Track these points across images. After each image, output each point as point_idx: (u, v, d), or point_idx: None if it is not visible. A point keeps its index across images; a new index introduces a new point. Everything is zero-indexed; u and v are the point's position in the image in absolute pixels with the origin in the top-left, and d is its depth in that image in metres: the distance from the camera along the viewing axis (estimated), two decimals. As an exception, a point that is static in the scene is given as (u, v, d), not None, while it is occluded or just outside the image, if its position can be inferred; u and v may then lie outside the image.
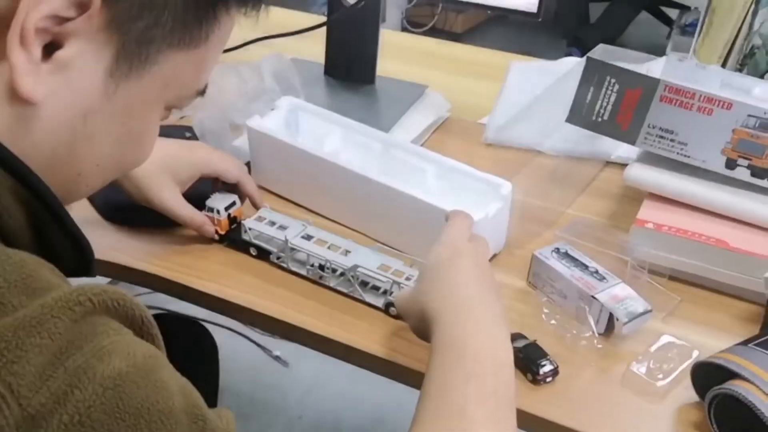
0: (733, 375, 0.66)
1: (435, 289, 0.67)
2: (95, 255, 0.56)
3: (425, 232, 0.85)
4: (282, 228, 0.89)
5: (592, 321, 0.78)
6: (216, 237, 0.90)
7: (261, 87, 1.13)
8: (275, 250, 0.87)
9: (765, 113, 0.83)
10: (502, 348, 0.62)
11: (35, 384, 0.39)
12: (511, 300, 0.83)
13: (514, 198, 0.88)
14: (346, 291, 0.84)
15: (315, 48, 1.24)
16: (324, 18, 1.18)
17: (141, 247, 0.90)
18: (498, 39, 3.73)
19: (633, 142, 0.91)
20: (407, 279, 0.80)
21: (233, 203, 0.91)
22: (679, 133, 0.88)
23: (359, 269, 0.82)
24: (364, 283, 0.84)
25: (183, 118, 1.13)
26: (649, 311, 0.77)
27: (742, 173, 0.86)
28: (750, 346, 0.69)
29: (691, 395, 0.71)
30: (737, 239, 0.84)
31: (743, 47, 1.13)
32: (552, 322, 0.80)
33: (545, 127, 1.03)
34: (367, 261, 0.83)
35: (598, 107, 0.93)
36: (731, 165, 0.87)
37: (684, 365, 0.74)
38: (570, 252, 0.84)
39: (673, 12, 3.48)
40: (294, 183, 0.99)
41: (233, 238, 0.90)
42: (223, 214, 0.89)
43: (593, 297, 0.78)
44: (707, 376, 0.69)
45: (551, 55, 1.43)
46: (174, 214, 0.87)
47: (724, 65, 1.13)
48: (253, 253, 0.89)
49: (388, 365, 0.77)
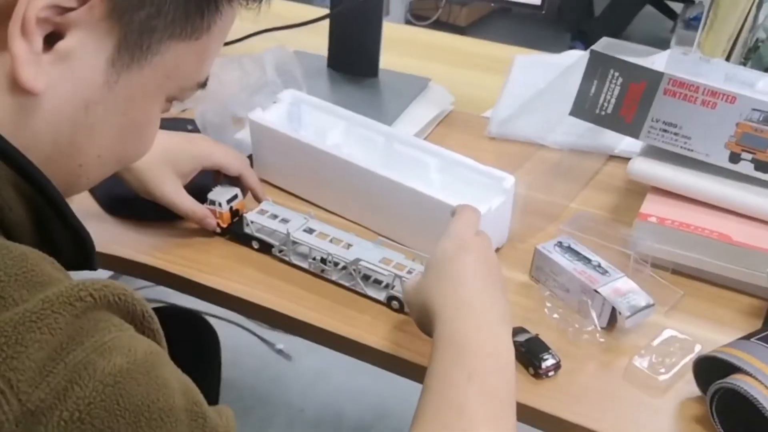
0: (736, 369, 0.66)
1: (439, 284, 0.66)
2: (96, 248, 0.56)
3: (428, 225, 0.85)
4: (284, 221, 0.88)
5: (594, 315, 0.78)
6: (218, 230, 0.90)
7: (263, 80, 1.13)
8: (277, 243, 0.87)
9: (769, 107, 0.83)
10: (504, 347, 0.62)
11: (35, 379, 0.39)
12: (514, 294, 0.83)
13: (517, 192, 0.88)
14: (347, 285, 0.84)
15: (318, 41, 1.24)
16: (327, 10, 1.18)
17: (142, 240, 0.90)
18: (502, 32, 3.72)
19: (636, 135, 0.91)
20: (409, 272, 0.80)
21: (235, 196, 0.91)
22: (683, 127, 0.88)
23: (361, 263, 0.82)
24: (366, 277, 0.84)
25: (185, 111, 1.13)
26: (652, 305, 0.77)
27: (745, 167, 0.86)
28: (752, 340, 0.69)
29: (694, 389, 0.71)
30: (740, 233, 0.84)
31: (747, 41, 1.12)
32: (554, 316, 0.80)
33: (549, 121, 1.02)
34: (369, 254, 0.83)
35: (601, 101, 0.92)
36: (735, 159, 0.86)
37: (686, 359, 0.74)
38: (573, 246, 0.84)
39: (678, 5, 3.47)
40: (296, 176, 0.99)
41: (235, 231, 0.90)
42: (225, 207, 0.89)
43: (596, 291, 0.77)
44: (709, 370, 0.68)
45: (555, 49, 1.43)
46: (176, 206, 0.87)
47: (728, 59, 1.12)
48: (255, 247, 0.89)
49: (390, 359, 0.77)
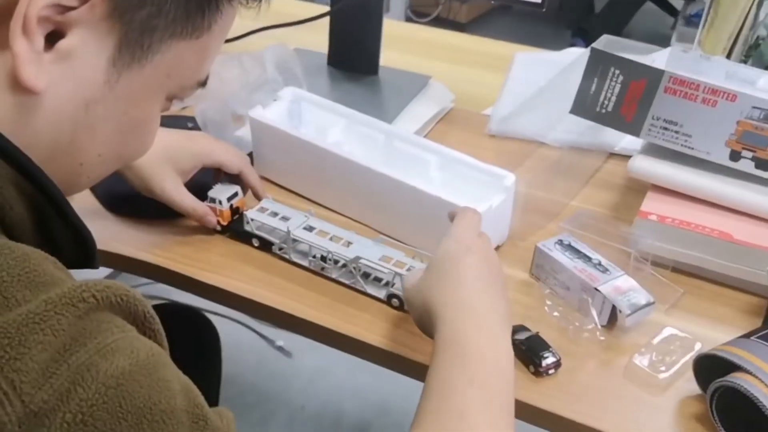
0: (736, 368, 0.66)
1: (441, 284, 0.66)
2: (97, 246, 0.56)
3: (428, 223, 0.85)
4: (284, 219, 0.88)
5: (594, 313, 0.78)
6: (218, 228, 0.90)
7: (263, 77, 1.13)
8: (277, 241, 0.87)
9: (770, 105, 0.83)
10: (503, 351, 0.62)
11: (38, 381, 0.39)
12: (514, 292, 0.84)
13: (517, 189, 0.88)
14: (347, 282, 0.84)
15: (318, 38, 1.23)
16: (327, 8, 1.18)
17: (143, 238, 0.90)
18: (502, 29, 3.72)
19: (637, 133, 0.91)
20: (408, 270, 0.80)
21: (235, 194, 0.91)
22: (684, 125, 0.88)
23: (361, 261, 0.82)
24: (366, 275, 0.84)
25: (185, 108, 1.13)
26: (652, 303, 0.77)
27: (746, 165, 0.86)
28: (753, 338, 0.69)
29: (694, 387, 0.71)
30: (741, 231, 0.84)
31: (748, 38, 1.12)
32: (555, 314, 0.80)
33: (549, 119, 1.02)
34: (369, 252, 0.83)
35: (602, 98, 0.92)
36: (735, 157, 0.86)
37: (686, 357, 0.74)
38: (573, 244, 0.84)
39: (678, 2, 3.47)
40: (296, 174, 0.99)
41: (235, 229, 0.90)
42: (225, 204, 0.89)
43: (596, 289, 0.77)
44: (710, 368, 0.68)
45: (555, 46, 1.43)
46: (176, 204, 0.87)
47: (728, 56, 1.12)
48: (255, 244, 0.89)
49: (389, 357, 0.77)
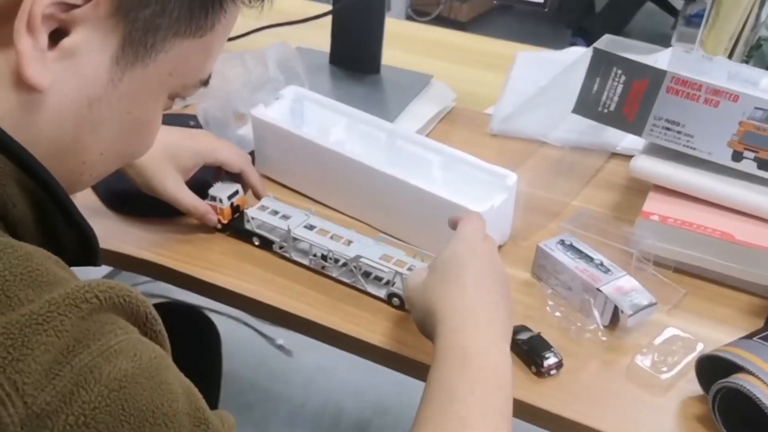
0: (738, 368, 0.65)
1: (444, 287, 0.66)
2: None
3: (429, 223, 0.84)
4: (285, 217, 0.88)
5: (596, 313, 0.78)
6: (219, 226, 0.90)
7: (265, 76, 1.13)
8: (278, 239, 0.87)
9: (772, 105, 0.83)
10: (503, 360, 0.62)
11: (41, 382, 0.39)
12: (516, 292, 0.83)
13: (519, 189, 0.88)
14: (348, 281, 0.84)
15: (320, 37, 1.23)
16: (329, 6, 1.18)
17: (144, 237, 0.90)
18: (502, 28, 3.71)
19: (639, 133, 0.91)
20: (409, 269, 0.80)
21: (236, 192, 0.90)
22: (686, 125, 0.88)
23: (362, 260, 0.82)
24: (366, 274, 0.83)
25: (187, 106, 1.13)
26: (654, 304, 0.77)
27: (748, 165, 0.86)
28: (755, 339, 0.69)
29: (695, 388, 0.71)
30: (743, 232, 0.84)
31: (750, 39, 1.12)
32: (556, 314, 0.80)
33: (551, 118, 1.02)
34: (370, 251, 0.83)
35: (604, 98, 0.92)
36: (737, 157, 0.86)
37: (688, 358, 0.74)
38: (575, 244, 0.84)
39: (679, 2, 3.47)
40: (298, 172, 0.99)
41: (236, 227, 0.90)
42: (226, 203, 0.89)
43: (598, 289, 0.77)
44: (712, 369, 0.68)
45: (555, 45, 1.42)
46: (177, 202, 0.87)
47: (730, 57, 1.12)
48: (256, 243, 0.89)
49: (390, 356, 0.77)
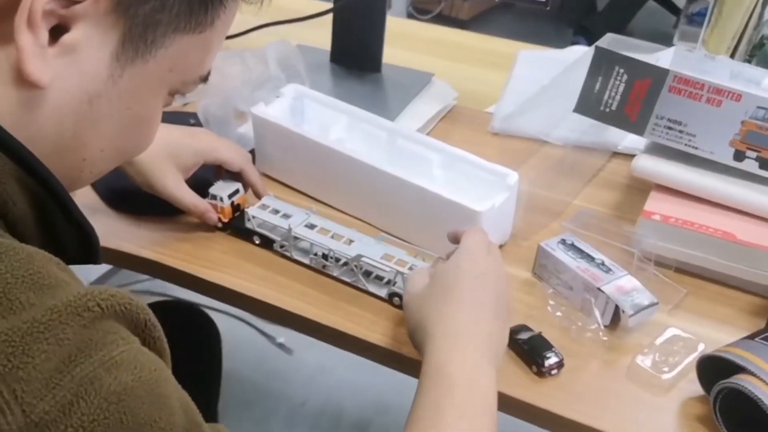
0: (739, 369, 0.65)
1: (441, 303, 0.66)
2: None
3: (430, 222, 0.84)
4: (285, 216, 0.88)
5: (597, 313, 0.77)
6: (219, 225, 0.90)
7: (266, 74, 1.12)
8: (278, 238, 0.87)
9: (774, 105, 0.83)
10: (489, 387, 0.62)
11: (41, 391, 0.39)
12: (517, 291, 0.83)
13: (520, 188, 0.87)
14: (349, 281, 0.84)
15: (321, 35, 1.23)
16: (330, 4, 1.17)
17: (144, 235, 0.90)
18: (503, 27, 3.71)
19: (641, 132, 0.91)
20: (410, 269, 0.80)
21: (236, 191, 0.90)
22: (688, 124, 0.88)
23: (363, 259, 0.81)
24: (367, 273, 0.83)
25: (187, 105, 1.12)
26: (655, 304, 0.77)
27: (750, 165, 0.86)
28: (756, 340, 0.69)
29: (697, 389, 0.71)
30: (744, 232, 0.83)
31: (752, 38, 1.12)
32: (557, 314, 0.80)
33: (552, 117, 1.02)
34: (371, 251, 0.82)
35: (606, 97, 0.92)
36: (739, 157, 0.86)
37: (689, 358, 0.74)
38: (576, 243, 0.83)
39: (680, 1, 3.46)
40: (298, 171, 0.98)
41: (236, 226, 0.90)
42: (227, 201, 0.89)
43: (599, 289, 0.77)
44: (713, 369, 0.68)
45: (557, 44, 1.42)
46: (177, 200, 0.86)
47: (733, 56, 1.12)
48: (257, 242, 0.89)
49: (390, 355, 0.77)
